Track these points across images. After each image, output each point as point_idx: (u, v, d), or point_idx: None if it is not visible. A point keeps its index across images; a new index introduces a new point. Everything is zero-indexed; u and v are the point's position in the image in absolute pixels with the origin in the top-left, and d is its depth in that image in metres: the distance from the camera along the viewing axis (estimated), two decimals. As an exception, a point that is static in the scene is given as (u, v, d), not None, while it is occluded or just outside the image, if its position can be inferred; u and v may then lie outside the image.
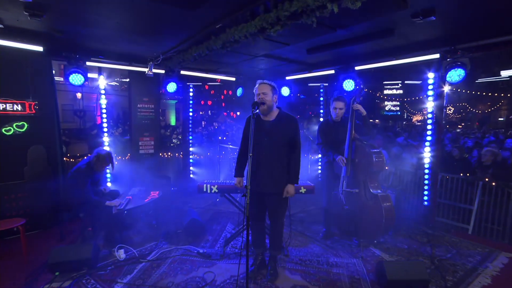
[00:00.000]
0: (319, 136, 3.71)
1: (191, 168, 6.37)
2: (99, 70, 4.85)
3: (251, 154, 2.30)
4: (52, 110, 4.08)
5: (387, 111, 21.47)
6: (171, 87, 5.25)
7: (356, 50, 4.18)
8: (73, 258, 2.93)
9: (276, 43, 3.78)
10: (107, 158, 3.61)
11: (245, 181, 2.71)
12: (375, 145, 3.71)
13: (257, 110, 2.65)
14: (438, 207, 4.50)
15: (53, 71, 4.13)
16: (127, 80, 5.48)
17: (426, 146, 4.27)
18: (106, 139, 4.88)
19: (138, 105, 5.44)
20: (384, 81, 19.93)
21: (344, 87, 4.69)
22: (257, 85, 2.65)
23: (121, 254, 3.28)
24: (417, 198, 4.51)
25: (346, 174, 3.45)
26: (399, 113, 21.48)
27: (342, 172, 3.49)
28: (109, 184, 4.96)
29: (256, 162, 2.59)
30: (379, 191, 3.50)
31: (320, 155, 5.55)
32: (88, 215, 3.59)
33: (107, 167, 3.79)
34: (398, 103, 21.20)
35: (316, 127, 4.15)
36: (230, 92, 6.20)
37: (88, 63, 4.38)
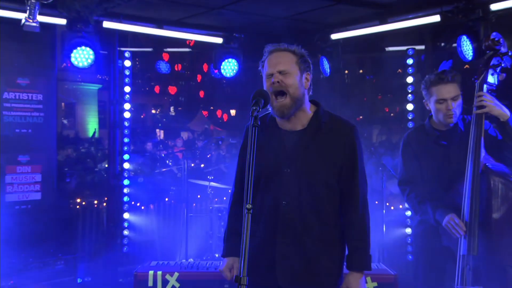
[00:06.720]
0: (404, 166, 3.80)
1: (125, 231, 6.49)
2: None
3: (249, 206, 2.18)
4: None
5: None
6: (83, 55, 5.29)
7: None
8: None
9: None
10: None
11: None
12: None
13: (269, 110, 2.71)
14: None
15: None
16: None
17: None
18: None
19: (4, 95, 5.42)
20: None
21: (464, 52, 4.93)
22: (267, 55, 2.74)
23: None
24: None
25: (469, 252, 3.34)
26: None
27: (460, 248, 3.39)
28: None
29: (267, 222, 2.72)
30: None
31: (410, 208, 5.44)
32: None
33: None
34: None
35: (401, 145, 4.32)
36: (215, 70, 6.62)
37: None
